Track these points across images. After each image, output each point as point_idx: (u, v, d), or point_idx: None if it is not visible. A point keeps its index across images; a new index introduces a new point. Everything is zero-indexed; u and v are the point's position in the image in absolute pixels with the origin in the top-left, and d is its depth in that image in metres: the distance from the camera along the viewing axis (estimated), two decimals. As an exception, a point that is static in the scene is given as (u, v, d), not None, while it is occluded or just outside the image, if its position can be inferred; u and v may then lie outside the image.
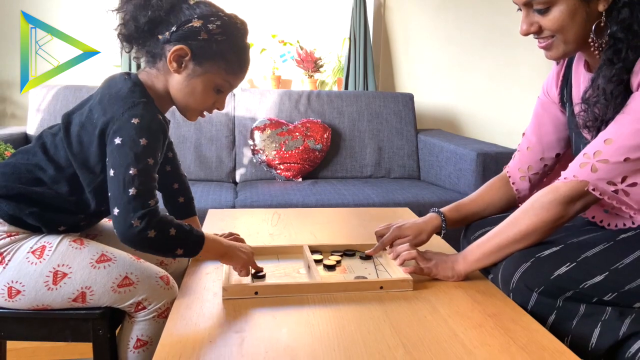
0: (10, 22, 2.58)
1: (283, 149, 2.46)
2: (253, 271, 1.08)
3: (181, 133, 2.49)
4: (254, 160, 2.53)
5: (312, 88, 2.91)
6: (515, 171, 1.25)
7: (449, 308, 0.96)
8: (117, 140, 0.91)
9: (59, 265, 0.96)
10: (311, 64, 2.89)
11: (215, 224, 1.48)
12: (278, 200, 2.08)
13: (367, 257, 1.19)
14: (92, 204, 1.00)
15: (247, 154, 2.54)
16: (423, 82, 3.02)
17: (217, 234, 1.22)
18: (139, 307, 1.00)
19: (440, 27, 3.00)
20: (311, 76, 2.93)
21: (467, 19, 3.01)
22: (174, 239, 0.92)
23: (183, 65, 0.98)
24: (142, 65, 1.05)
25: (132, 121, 0.92)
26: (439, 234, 1.22)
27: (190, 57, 0.97)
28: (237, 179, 2.54)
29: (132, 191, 0.89)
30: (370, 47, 2.85)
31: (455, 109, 3.08)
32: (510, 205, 1.28)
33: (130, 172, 0.89)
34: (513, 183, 1.25)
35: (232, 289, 0.99)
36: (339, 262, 1.16)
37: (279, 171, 2.48)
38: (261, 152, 2.47)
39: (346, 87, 2.90)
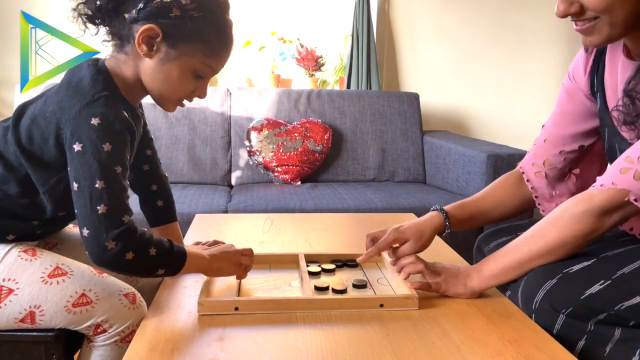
0: (10, 22, 2.49)
1: (281, 151, 2.32)
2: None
3: (174, 133, 2.36)
4: (251, 163, 2.40)
5: (312, 87, 2.78)
6: (529, 166, 1.10)
7: (461, 332, 0.82)
8: (77, 147, 0.79)
9: (4, 280, 0.83)
10: (312, 62, 2.76)
11: (202, 230, 1.35)
12: (274, 204, 1.95)
13: (356, 265, 1.06)
14: (48, 208, 0.87)
15: (244, 155, 2.41)
16: (429, 82, 2.89)
17: (199, 242, 1.09)
18: (99, 330, 0.86)
19: (447, 24, 2.86)
20: (312, 75, 2.80)
21: (476, 16, 2.87)
22: (155, 260, 0.82)
23: (154, 48, 0.85)
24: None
25: (92, 122, 0.79)
26: (441, 234, 1.07)
27: (162, 38, 0.84)
28: (233, 182, 2.41)
29: (101, 208, 0.77)
30: (374, 45, 2.72)
31: (462, 109, 2.95)
32: (526, 205, 1.13)
33: (97, 185, 0.78)
34: (527, 180, 1.10)
35: (209, 304, 0.86)
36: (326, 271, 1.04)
37: (276, 174, 2.35)
38: (258, 153, 2.34)
39: (348, 87, 2.76)
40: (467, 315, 0.88)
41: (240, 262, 0.95)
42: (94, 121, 0.79)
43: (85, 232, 0.78)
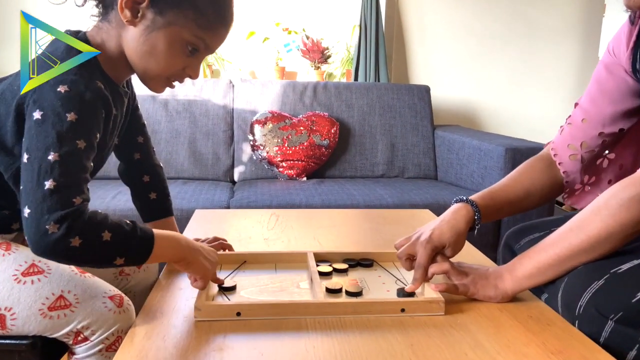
0: (10, 22, 2.42)
1: (286, 145, 2.22)
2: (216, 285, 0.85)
3: (174, 127, 2.26)
4: (254, 157, 2.29)
5: (319, 80, 2.68)
6: (564, 148, 0.99)
7: (496, 341, 0.71)
8: (37, 114, 0.68)
9: (-30, 279, 0.73)
10: (318, 54, 2.65)
11: (201, 226, 1.25)
12: (278, 200, 1.85)
13: (371, 265, 0.96)
14: (18, 196, 0.77)
15: (247, 150, 2.31)
16: (439, 75, 2.78)
17: (198, 239, 0.99)
18: (79, 338, 0.76)
19: (459, 15, 2.75)
20: (318, 67, 2.70)
21: (488, 8, 2.77)
22: (109, 246, 0.67)
23: (139, 15, 0.74)
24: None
25: (58, 89, 0.68)
26: (471, 229, 0.94)
27: (148, 2, 0.73)
28: (236, 177, 2.31)
29: (48, 184, 0.65)
30: (383, 36, 2.62)
31: (474, 103, 2.84)
32: (555, 192, 1.01)
33: (50, 157, 0.66)
34: (560, 163, 0.99)
35: (207, 308, 0.76)
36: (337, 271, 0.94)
37: (281, 169, 2.25)
38: (262, 148, 2.24)
39: (356, 80, 2.66)
40: (500, 322, 0.77)
41: (211, 274, 0.81)
42: (61, 88, 0.68)
43: (26, 211, 0.65)
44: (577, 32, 2.85)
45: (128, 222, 0.71)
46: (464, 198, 0.93)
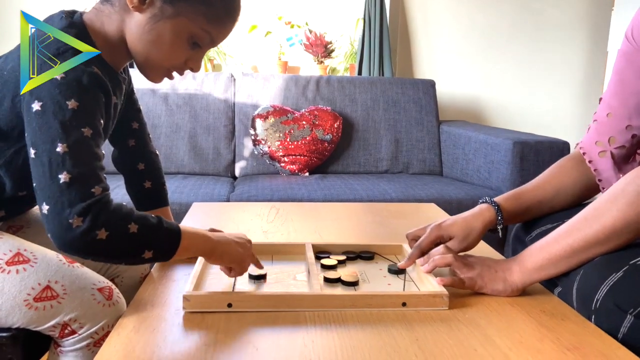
0: (10, 22, 2.39)
1: (288, 140, 2.18)
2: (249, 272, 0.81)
3: (174, 121, 2.23)
4: (256, 152, 2.25)
5: (322, 75, 2.63)
6: (592, 146, 0.94)
7: (507, 337, 0.67)
8: (36, 106, 0.65)
9: (-49, 267, 0.69)
10: (321, 48, 2.61)
11: (199, 219, 1.21)
12: (280, 195, 1.80)
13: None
14: (8, 186, 0.74)
15: (248, 145, 2.27)
16: (444, 69, 2.73)
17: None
18: (66, 331, 0.72)
19: (464, 7, 2.70)
20: (321, 62, 2.66)
21: (495, 0, 2.71)
22: (137, 239, 0.65)
23: (147, 2, 0.71)
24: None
25: (55, 76, 0.65)
26: (493, 231, 0.91)
27: None
28: (237, 172, 2.27)
29: (63, 177, 0.62)
30: (387, 30, 2.57)
31: (480, 98, 2.78)
32: (590, 191, 0.97)
33: (58, 149, 0.63)
34: (590, 161, 0.94)
35: (196, 299, 0.71)
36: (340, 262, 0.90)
37: (283, 164, 2.20)
38: (263, 142, 2.20)
39: (360, 74, 2.61)
40: (511, 316, 0.73)
41: (246, 258, 0.79)
42: (58, 75, 0.65)
43: (45, 208, 0.63)
44: (585, 26, 2.79)
45: (152, 216, 0.69)
46: (488, 199, 0.92)
